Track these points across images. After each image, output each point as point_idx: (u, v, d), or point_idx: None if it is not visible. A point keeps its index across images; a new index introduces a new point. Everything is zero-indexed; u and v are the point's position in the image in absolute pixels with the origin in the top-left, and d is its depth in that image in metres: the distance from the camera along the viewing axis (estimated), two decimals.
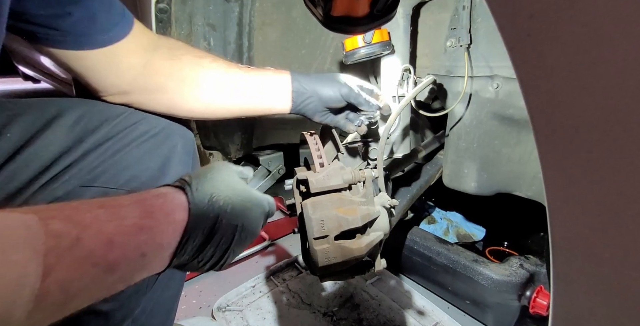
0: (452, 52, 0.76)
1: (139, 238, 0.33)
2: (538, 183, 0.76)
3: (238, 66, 0.60)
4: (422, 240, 1.05)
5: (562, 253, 0.25)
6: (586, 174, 0.21)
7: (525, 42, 0.22)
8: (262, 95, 0.60)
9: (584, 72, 0.20)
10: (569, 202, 0.23)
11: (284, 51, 1.03)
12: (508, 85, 0.71)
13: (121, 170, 0.48)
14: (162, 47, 0.56)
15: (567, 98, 0.21)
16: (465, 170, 0.84)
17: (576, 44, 0.20)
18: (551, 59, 0.21)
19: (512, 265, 0.91)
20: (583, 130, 0.21)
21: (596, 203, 0.22)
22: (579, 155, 0.21)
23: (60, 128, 0.48)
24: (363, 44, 0.73)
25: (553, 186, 0.24)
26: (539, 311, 0.85)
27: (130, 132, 0.51)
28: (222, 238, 0.40)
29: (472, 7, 0.70)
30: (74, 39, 0.48)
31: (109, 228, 0.31)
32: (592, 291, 0.24)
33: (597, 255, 0.23)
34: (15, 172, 0.45)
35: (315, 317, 0.96)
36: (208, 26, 0.88)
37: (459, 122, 0.81)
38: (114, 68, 0.52)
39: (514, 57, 0.22)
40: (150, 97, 0.57)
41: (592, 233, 0.23)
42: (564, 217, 0.24)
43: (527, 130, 0.73)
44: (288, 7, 0.98)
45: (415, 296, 1.02)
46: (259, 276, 1.11)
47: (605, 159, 0.20)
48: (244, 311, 0.99)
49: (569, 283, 0.26)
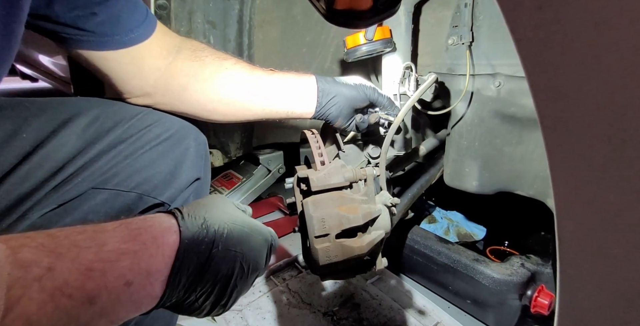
0: (453, 50, 0.76)
1: (121, 265, 0.29)
2: (540, 182, 0.76)
3: (261, 69, 0.60)
4: (423, 240, 1.04)
5: (569, 251, 0.25)
6: (596, 170, 0.21)
7: (533, 34, 0.21)
8: (286, 96, 0.59)
9: (593, 65, 0.20)
10: (577, 198, 0.23)
11: (285, 49, 1.02)
12: (510, 83, 0.71)
13: (133, 173, 0.48)
14: (185, 48, 0.57)
15: (577, 92, 0.21)
16: (467, 169, 0.83)
17: (586, 35, 0.19)
18: (560, 52, 0.20)
19: (513, 265, 0.91)
20: (593, 125, 0.20)
21: (606, 199, 0.21)
22: (589, 150, 0.21)
23: (74, 130, 0.48)
24: (365, 41, 0.72)
25: (561, 182, 0.23)
26: (540, 310, 0.85)
27: (143, 135, 0.51)
28: (219, 267, 0.36)
29: (474, 4, 0.70)
30: (98, 40, 0.48)
31: (87, 255, 0.28)
32: (600, 290, 0.24)
33: (606, 253, 0.23)
34: (29, 173, 0.44)
35: (316, 317, 0.95)
36: (208, 23, 0.87)
37: (460, 121, 0.80)
38: (138, 69, 0.53)
39: (521, 50, 0.22)
40: (173, 98, 0.57)
41: (601, 230, 0.22)
42: (571, 214, 0.24)
43: (529, 128, 0.73)
44: (288, 4, 0.98)
45: (415, 296, 1.02)
46: None
47: (616, 154, 0.20)
48: (243, 311, 0.98)
49: (575, 282, 0.25)
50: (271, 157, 1.15)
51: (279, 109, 0.61)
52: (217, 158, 1.04)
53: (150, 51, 0.53)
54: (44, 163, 0.45)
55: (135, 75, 0.53)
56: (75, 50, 0.49)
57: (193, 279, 0.34)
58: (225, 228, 0.38)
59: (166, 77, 0.55)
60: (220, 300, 0.37)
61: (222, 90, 0.57)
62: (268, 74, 0.60)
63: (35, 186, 0.44)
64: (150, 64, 0.54)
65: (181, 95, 0.57)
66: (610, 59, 0.19)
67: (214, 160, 1.03)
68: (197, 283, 0.35)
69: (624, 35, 0.18)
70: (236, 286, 0.38)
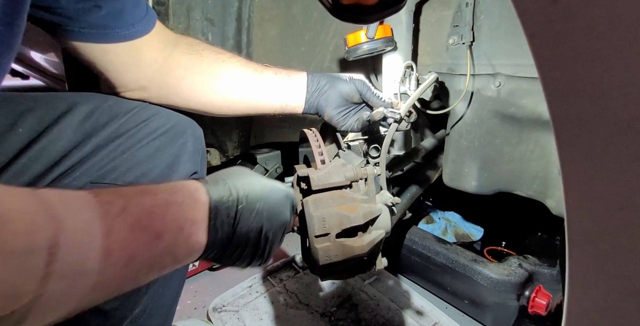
0: (454, 49, 0.76)
1: (173, 211, 0.34)
2: (539, 182, 0.76)
3: (257, 63, 0.62)
4: (421, 240, 1.04)
5: (580, 251, 0.24)
6: (609, 168, 0.20)
7: (547, 29, 0.21)
8: (279, 90, 0.61)
9: (608, 60, 0.19)
10: (589, 197, 0.22)
11: (284, 48, 1.01)
12: (510, 84, 0.71)
13: (131, 167, 0.48)
14: (182, 43, 0.58)
15: (591, 87, 0.20)
16: (466, 169, 0.83)
17: (601, 29, 0.19)
18: (574, 46, 0.20)
19: (511, 265, 0.91)
20: (607, 121, 0.20)
21: (618, 197, 0.21)
22: (602, 147, 0.20)
23: (70, 124, 0.48)
24: (366, 39, 0.72)
25: (572, 180, 0.23)
26: (538, 311, 0.85)
27: (140, 129, 0.51)
28: (248, 221, 0.39)
29: (475, 3, 0.70)
30: (100, 32, 0.48)
31: (146, 201, 0.32)
32: (610, 290, 0.24)
33: (617, 253, 0.22)
34: (26, 166, 0.45)
35: (313, 317, 0.95)
36: (206, 20, 0.86)
37: (460, 121, 0.80)
38: (136, 62, 0.53)
39: (534, 45, 0.21)
40: (169, 91, 0.57)
41: (613, 230, 0.22)
42: (582, 214, 0.23)
43: (529, 129, 0.73)
44: (288, 3, 0.97)
45: (413, 296, 1.01)
46: (255, 277, 1.10)
47: (631, 151, 0.19)
48: (240, 311, 0.97)
49: (585, 281, 0.25)
50: (269, 157, 1.14)
51: (273, 103, 0.62)
52: (215, 157, 1.03)
53: (149, 44, 0.53)
54: (40, 157, 0.45)
55: (132, 68, 0.54)
56: (73, 43, 0.49)
57: (227, 231, 0.38)
58: (246, 187, 0.41)
59: (163, 69, 0.56)
60: (256, 251, 0.41)
61: (218, 83, 0.58)
62: (263, 69, 0.61)
63: (32, 180, 0.44)
64: (148, 57, 0.54)
65: (177, 88, 0.57)
66: (624, 54, 0.19)
67: (211, 159, 1.02)
68: (231, 236, 0.38)
69: (638, 30, 0.18)
70: (267, 238, 0.41)
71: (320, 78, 0.62)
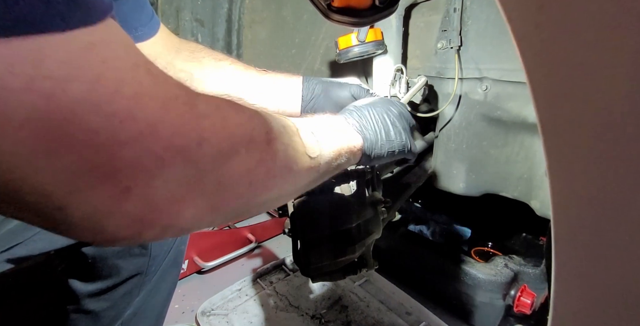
0: (442, 53, 0.77)
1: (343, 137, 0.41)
2: (524, 184, 0.78)
3: (255, 68, 0.63)
4: (410, 241, 1.05)
5: (565, 250, 0.25)
6: (595, 169, 0.21)
7: (534, 34, 0.21)
8: (276, 95, 0.62)
9: (595, 64, 0.20)
10: (574, 197, 0.23)
11: (274, 50, 1.01)
12: (496, 87, 0.73)
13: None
14: (184, 49, 0.59)
15: (577, 91, 0.21)
16: (454, 171, 0.85)
17: (587, 35, 0.20)
18: (561, 51, 0.21)
19: (497, 265, 0.92)
20: (593, 123, 0.20)
21: (604, 197, 0.22)
22: (587, 148, 0.21)
23: None
24: (357, 42, 0.72)
25: (558, 181, 0.23)
26: (523, 309, 0.86)
27: None
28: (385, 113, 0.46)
29: (462, 9, 0.71)
30: None
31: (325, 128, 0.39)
32: (595, 290, 0.24)
33: (602, 252, 0.23)
34: None
35: (304, 320, 0.94)
36: (196, 21, 0.86)
37: (448, 123, 0.82)
38: None
39: (522, 49, 0.22)
40: None
41: (598, 229, 0.23)
42: (568, 213, 0.24)
43: (514, 131, 0.75)
44: (278, 5, 0.97)
45: (402, 297, 1.02)
46: (245, 279, 1.09)
47: (615, 152, 0.20)
48: (229, 315, 0.96)
49: (571, 281, 0.26)
50: None
51: (271, 108, 0.61)
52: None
53: (150, 50, 0.54)
54: None
55: None
56: None
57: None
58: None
59: None
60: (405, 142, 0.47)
61: (217, 88, 0.59)
62: (261, 74, 0.62)
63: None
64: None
65: None
66: (610, 59, 0.19)
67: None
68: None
69: (624, 35, 0.19)
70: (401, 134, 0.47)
71: (315, 85, 0.63)
